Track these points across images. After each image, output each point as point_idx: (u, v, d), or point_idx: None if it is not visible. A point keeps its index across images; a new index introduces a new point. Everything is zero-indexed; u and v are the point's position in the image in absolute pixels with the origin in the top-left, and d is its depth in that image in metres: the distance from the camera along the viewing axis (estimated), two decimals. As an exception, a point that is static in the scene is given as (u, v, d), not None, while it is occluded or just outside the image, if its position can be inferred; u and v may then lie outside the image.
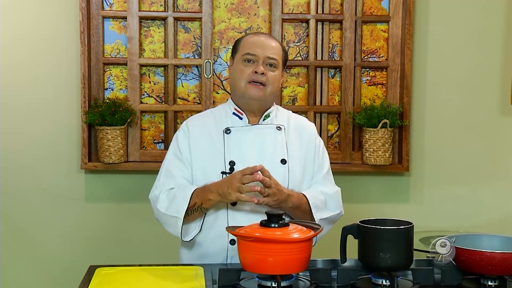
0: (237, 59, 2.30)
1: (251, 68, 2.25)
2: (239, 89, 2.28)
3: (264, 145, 2.29)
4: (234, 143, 2.28)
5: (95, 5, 3.27)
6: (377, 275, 1.95)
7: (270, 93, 2.29)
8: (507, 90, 3.29)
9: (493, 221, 3.46)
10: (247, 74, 2.25)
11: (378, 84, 3.42)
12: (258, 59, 2.25)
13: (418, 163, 3.44)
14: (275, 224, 1.90)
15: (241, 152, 2.26)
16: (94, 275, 2.00)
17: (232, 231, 1.91)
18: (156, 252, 3.34)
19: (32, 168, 3.31)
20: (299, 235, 1.86)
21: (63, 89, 3.29)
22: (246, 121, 2.31)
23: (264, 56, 2.25)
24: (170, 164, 2.31)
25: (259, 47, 2.26)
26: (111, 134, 3.20)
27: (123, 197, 3.35)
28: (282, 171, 2.27)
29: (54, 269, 3.34)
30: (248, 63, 2.26)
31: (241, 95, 2.29)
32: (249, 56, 2.25)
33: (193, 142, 2.30)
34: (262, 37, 2.31)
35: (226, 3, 3.34)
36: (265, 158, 2.26)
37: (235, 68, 2.30)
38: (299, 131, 2.37)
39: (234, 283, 1.92)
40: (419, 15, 3.37)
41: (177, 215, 2.19)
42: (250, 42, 2.28)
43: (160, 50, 3.34)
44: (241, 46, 2.30)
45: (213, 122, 2.34)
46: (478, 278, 1.97)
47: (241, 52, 2.28)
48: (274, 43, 2.31)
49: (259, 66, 2.25)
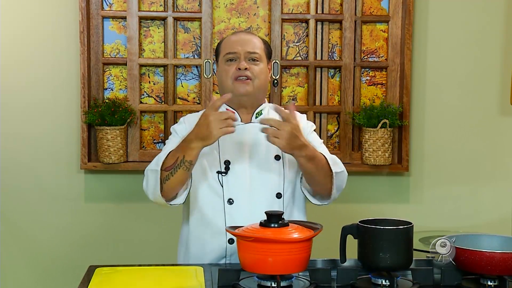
0: (220, 61, 2.32)
1: (234, 66, 2.26)
2: (227, 88, 2.27)
3: (258, 143, 2.28)
4: (228, 143, 2.27)
5: (95, 5, 3.27)
6: (377, 275, 1.94)
7: (258, 86, 2.28)
8: (507, 90, 3.29)
9: (493, 221, 3.46)
10: (231, 72, 2.26)
11: (378, 84, 3.43)
12: (239, 55, 2.26)
13: (417, 163, 3.44)
14: (274, 224, 1.89)
15: (236, 151, 2.27)
16: (94, 275, 2.00)
17: (232, 231, 1.91)
18: (156, 252, 3.34)
19: (31, 168, 3.31)
20: (298, 235, 1.86)
21: (62, 89, 3.29)
22: (239, 120, 2.31)
23: (245, 51, 2.26)
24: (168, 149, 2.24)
25: (239, 44, 2.27)
26: (111, 134, 3.20)
27: (123, 197, 3.35)
28: (277, 167, 2.28)
29: (54, 269, 3.34)
30: (231, 62, 2.27)
31: (229, 91, 2.27)
32: (231, 55, 2.27)
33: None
34: (240, 35, 2.33)
35: (226, 3, 3.34)
36: (259, 155, 2.27)
37: (220, 70, 2.32)
38: None
39: (234, 283, 1.92)
40: (418, 15, 3.37)
41: (156, 168, 2.12)
42: (229, 42, 2.30)
43: (159, 50, 3.34)
44: (222, 48, 2.32)
45: None
46: (478, 278, 1.96)
47: (223, 53, 2.30)
48: (253, 38, 2.32)
49: (241, 62, 2.25)
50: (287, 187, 2.29)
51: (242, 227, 1.95)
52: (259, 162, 2.26)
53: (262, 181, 2.26)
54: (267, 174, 2.27)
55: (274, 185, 2.27)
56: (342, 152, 3.38)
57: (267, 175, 2.27)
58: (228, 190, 2.25)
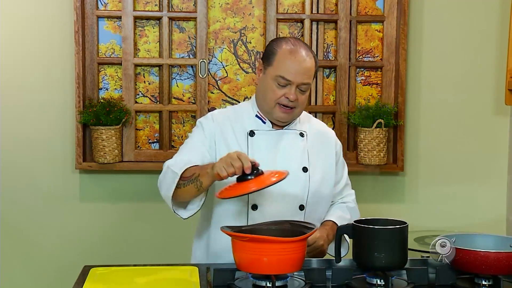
0: (269, 73, 2.21)
1: (283, 91, 2.19)
2: (267, 106, 2.24)
3: (287, 151, 2.27)
4: (258, 147, 2.25)
5: (90, 5, 3.26)
6: (372, 275, 1.95)
7: (297, 114, 2.28)
8: (502, 90, 3.30)
9: (488, 220, 3.47)
10: (278, 96, 2.20)
11: (373, 84, 3.43)
12: (292, 84, 2.19)
13: (412, 162, 3.45)
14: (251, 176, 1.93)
15: (264, 157, 2.19)
16: (89, 275, 2.00)
17: (227, 231, 1.91)
18: (151, 252, 3.34)
19: (26, 168, 3.31)
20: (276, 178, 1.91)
21: (57, 89, 3.29)
22: (270, 126, 2.28)
23: (299, 82, 2.19)
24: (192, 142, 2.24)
25: (296, 72, 2.17)
26: (106, 134, 3.20)
27: (118, 197, 3.35)
28: (303, 178, 2.26)
29: (49, 269, 3.33)
30: (281, 86, 2.20)
31: (268, 112, 2.26)
32: (284, 81, 2.19)
33: (218, 134, 2.26)
34: (298, 57, 2.19)
35: (221, 3, 3.34)
36: (287, 164, 2.20)
37: (266, 82, 2.22)
38: (320, 137, 2.36)
39: (229, 283, 1.92)
40: (413, 15, 3.38)
41: (177, 171, 2.09)
42: (285, 65, 2.18)
43: (155, 50, 3.34)
44: (276, 62, 2.20)
45: (237, 121, 2.30)
46: (472, 278, 1.97)
47: (276, 71, 2.19)
48: (310, 63, 2.21)
49: (292, 92, 2.18)
50: (310, 199, 2.28)
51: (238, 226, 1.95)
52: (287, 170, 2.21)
53: (287, 191, 2.23)
54: (293, 185, 2.23)
55: (298, 197, 2.26)
56: (337, 152, 3.39)
57: (293, 185, 2.23)
58: (253, 195, 2.17)
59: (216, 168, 1.97)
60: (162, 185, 2.18)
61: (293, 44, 2.21)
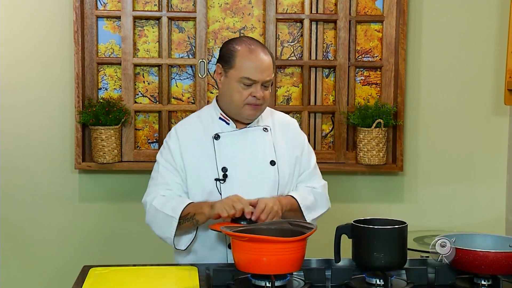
0: (232, 76, 2.23)
1: (249, 91, 2.22)
2: (235, 108, 2.26)
3: (254, 148, 2.30)
4: (224, 149, 2.28)
5: (89, 5, 3.26)
6: (371, 275, 1.95)
7: (264, 109, 2.32)
8: (501, 89, 3.30)
9: (487, 220, 3.47)
10: (245, 96, 2.23)
11: (372, 83, 3.43)
12: (257, 83, 2.22)
13: (412, 162, 3.45)
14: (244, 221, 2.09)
15: (232, 158, 2.27)
16: (88, 275, 2.00)
17: (227, 231, 1.91)
18: (150, 252, 3.34)
19: (26, 168, 3.30)
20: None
21: (56, 89, 3.28)
22: (234, 126, 2.32)
23: (263, 80, 2.23)
24: (164, 170, 2.30)
25: (258, 71, 2.21)
26: (105, 134, 3.20)
27: (117, 197, 3.35)
28: (272, 172, 2.29)
29: (48, 269, 3.33)
30: (246, 86, 2.23)
31: (236, 113, 2.28)
32: (249, 81, 2.22)
33: (184, 149, 2.30)
34: (258, 56, 2.22)
35: (220, 3, 3.34)
36: (255, 161, 2.28)
37: (230, 85, 2.24)
38: (283, 129, 2.39)
39: (228, 283, 1.92)
40: (413, 15, 3.38)
41: (173, 215, 2.18)
42: (248, 66, 2.21)
43: (154, 50, 3.34)
44: (237, 64, 2.22)
45: (201, 128, 2.33)
46: (472, 278, 1.97)
47: (239, 73, 2.21)
48: (269, 59, 2.26)
49: (258, 90, 2.22)
50: (281, 191, 2.31)
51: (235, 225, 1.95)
52: (255, 167, 2.28)
53: (258, 186, 2.27)
54: (263, 179, 2.28)
55: (269, 190, 2.28)
56: (337, 152, 3.39)
57: (263, 179, 2.28)
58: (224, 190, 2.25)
59: (217, 209, 2.12)
60: (156, 227, 2.27)
61: (250, 43, 2.25)
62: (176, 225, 2.17)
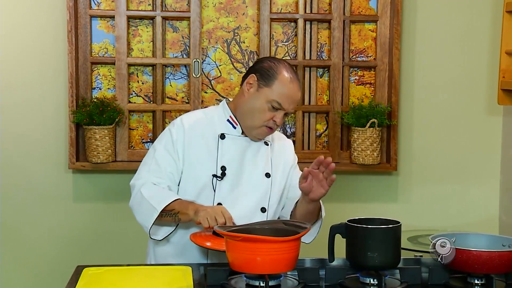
0: (265, 94, 2.25)
1: (272, 114, 2.25)
2: (252, 124, 2.28)
3: (253, 158, 2.33)
4: (227, 150, 2.30)
5: (83, 4, 3.26)
6: (365, 274, 1.95)
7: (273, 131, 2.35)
8: (494, 89, 3.31)
9: (480, 220, 3.48)
10: (267, 118, 2.26)
11: (366, 83, 3.43)
12: (284, 110, 2.26)
13: (406, 162, 3.45)
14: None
15: (233, 160, 2.30)
16: (82, 275, 1.99)
17: (221, 231, 1.91)
18: (144, 252, 3.32)
19: (19, 168, 3.29)
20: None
21: (50, 88, 3.28)
22: (240, 131, 2.33)
23: (289, 110, 2.28)
24: (160, 157, 2.30)
25: (289, 101, 2.25)
26: (99, 134, 3.19)
27: (111, 196, 3.34)
28: (265, 184, 2.33)
29: (42, 269, 3.32)
30: (273, 109, 2.25)
31: (250, 128, 2.30)
32: (277, 106, 2.25)
33: (188, 140, 2.30)
34: (295, 89, 2.27)
35: (215, 3, 3.33)
36: (253, 169, 2.32)
37: (258, 101, 2.26)
38: (281, 147, 2.43)
39: (222, 283, 1.92)
40: (407, 14, 3.38)
41: (156, 206, 2.18)
42: (284, 93, 2.24)
43: (148, 50, 3.33)
44: (274, 86, 2.24)
45: (207, 124, 2.34)
46: (465, 277, 1.98)
47: (273, 95, 2.23)
48: (300, 95, 2.33)
49: (280, 117, 2.26)
50: (272, 204, 2.34)
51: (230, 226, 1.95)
52: (252, 175, 2.31)
53: (251, 193, 2.30)
54: (257, 189, 2.31)
55: (259, 200, 2.31)
56: (331, 152, 3.39)
57: (256, 189, 2.31)
58: (219, 195, 2.27)
59: (200, 217, 2.10)
60: (137, 212, 2.29)
61: (292, 73, 2.29)
62: (155, 217, 2.18)
